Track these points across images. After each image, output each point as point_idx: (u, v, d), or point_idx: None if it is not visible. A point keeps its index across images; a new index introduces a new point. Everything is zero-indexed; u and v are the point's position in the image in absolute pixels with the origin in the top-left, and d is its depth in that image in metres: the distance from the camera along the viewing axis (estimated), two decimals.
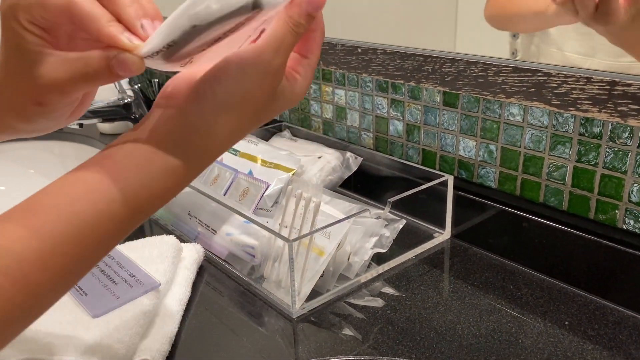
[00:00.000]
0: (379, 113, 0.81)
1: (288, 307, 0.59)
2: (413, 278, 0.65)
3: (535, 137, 0.63)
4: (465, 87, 0.63)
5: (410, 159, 0.78)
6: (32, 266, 0.31)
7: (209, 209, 0.70)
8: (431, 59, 0.66)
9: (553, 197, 0.63)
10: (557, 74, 0.55)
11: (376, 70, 0.73)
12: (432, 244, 0.71)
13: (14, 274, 0.30)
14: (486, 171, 0.69)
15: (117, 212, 0.33)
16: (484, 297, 0.60)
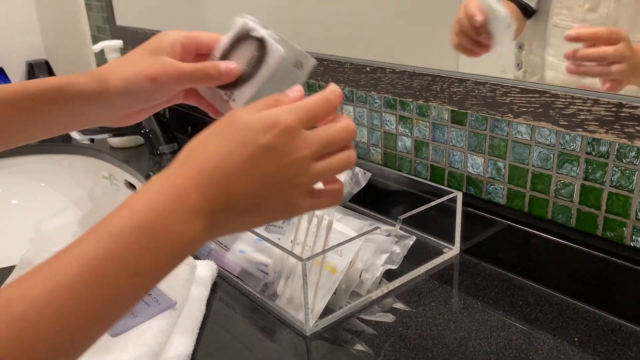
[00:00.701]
0: (387, 129, 0.82)
1: (302, 324, 0.60)
2: (423, 294, 0.66)
3: (543, 155, 0.64)
4: (473, 106, 0.65)
5: (418, 174, 0.80)
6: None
7: None
8: (439, 79, 0.67)
9: (561, 214, 0.64)
10: (565, 95, 0.56)
11: (385, 89, 0.75)
12: (441, 259, 0.72)
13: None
14: (494, 188, 0.70)
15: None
16: (494, 313, 0.61)
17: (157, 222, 0.35)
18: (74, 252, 0.33)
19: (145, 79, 0.49)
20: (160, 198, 0.35)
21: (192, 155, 0.38)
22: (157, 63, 0.49)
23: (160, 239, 0.35)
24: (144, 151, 1.18)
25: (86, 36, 1.59)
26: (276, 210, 0.40)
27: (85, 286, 0.32)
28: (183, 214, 0.35)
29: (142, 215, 0.35)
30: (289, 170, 0.38)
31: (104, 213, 1.05)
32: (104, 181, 1.20)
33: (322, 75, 0.84)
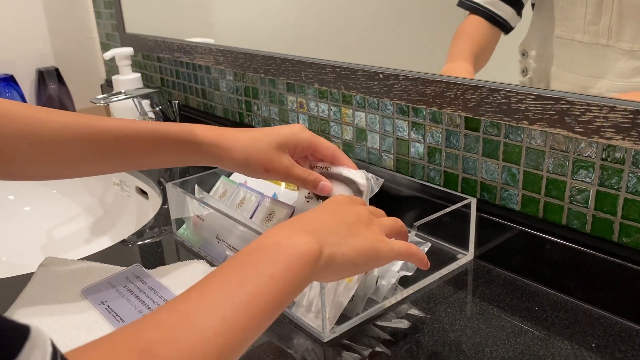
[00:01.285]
0: (399, 135, 0.82)
1: (319, 331, 0.60)
2: (439, 300, 0.66)
3: (558, 161, 0.64)
4: (488, 113, 0.65)
5: (431, 180, 0.80)
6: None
7: (236, 232, 0.72)
8: (453, 85, 0.68)
9: (576, 220, 0.64)
10: (581, 102, 0.56)
11: (398, 96, 0.75)
12: (455, 265, 0.72)
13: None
14: (509, 193, 0.71)
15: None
16: (510, 319, 0.62)
17: (281, 237, 0.45)
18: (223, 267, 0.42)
19: (262, 169, 0.62)
20: (273, 230, 0.47)
21: (294, 217, 0.51)
22: (276, 160, 0.62)
23: (284, 248, 0.43)
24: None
25: (95, 43, 1.60)
26: (368, 238, 0.50)
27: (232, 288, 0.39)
28: (293, 232, 0.46)
29: (268, 235, 0.45)
30: (362, 216, 0.52)
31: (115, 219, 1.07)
32: (114, 188, 1.21)
33: (334, 83, 0.84)
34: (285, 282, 0.41)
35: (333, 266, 0.46)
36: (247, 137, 0.63)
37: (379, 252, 0.50)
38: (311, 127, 0.98)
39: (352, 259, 0.48)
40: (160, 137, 0.60)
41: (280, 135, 0.63)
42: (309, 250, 0.44)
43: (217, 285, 0.39)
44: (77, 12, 1.56)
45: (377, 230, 0.52)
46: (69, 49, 1.56)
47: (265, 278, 0.40)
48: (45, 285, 0.67)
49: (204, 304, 0.37)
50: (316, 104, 0.95)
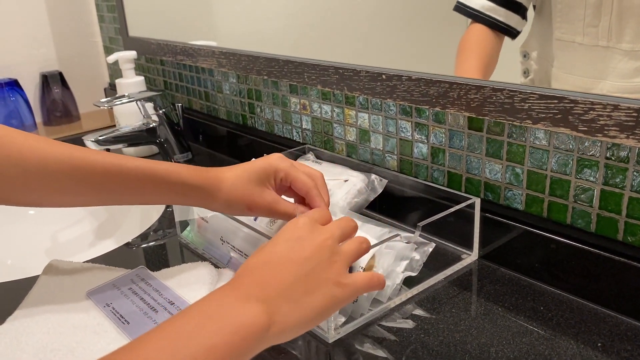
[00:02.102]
0: (402, 136, 0.82)
1: (323, 332, 0.60)
2: (444, 300, 0.66)
3: (562, 161, 0.64)
4: (491, 113, 0.65)
5: (435, 181, 0.80)
6: None
7: (241, 234, 0.72)
8: (457, 85, 0.68)
9: (580, 219, 0.64)
10: (584, 101, 0.56)
11: (401, 96, 0.75)
12: (460, 265, 0.72)
13: None
14: (513, 193, 0.71)
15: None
16: (515, 319, 0.61)
17: (229, 302, 0.42)
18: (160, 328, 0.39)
19: (245, 208, 0.62)
20: (228, 289, 0.44)
21: (246, 266, 0.48)
22: (258, 198, 0.62)
23: (230, 317, 0.41)
24: (158, 159, 1.19)
25: (99, 47, 1.61)
26: (327, 289, 0.47)
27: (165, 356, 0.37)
28: (241, 301, 0.43)
29: (207, 305, 0.42)
30: (323, 250, 0.48)
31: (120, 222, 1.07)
32: None
33: (337, 84, 0.84)
34: (224, 355, 0.39)
35: (285, 333, 0.45)
36: (230, 176, 0.62)
37: (338, 302, 0.48)
38: (314, 129, 0.98)
39: (306, 321, 0.46)
40: (147, 177, 0.60)
41: (259, 169, 0.62)
42: (256, 324, 0.42)
43: (151, 350, 0.37)
44: (80, 16, 1.56)
45: (339, 267, 0.49)
46: (73, 53, 1.57)
47: (204, 350, 0.38)
48: (51, 288, 0.67)
49: None
50: (319, 105, 0.95)
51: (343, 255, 0.50)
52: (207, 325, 0.40)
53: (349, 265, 0.50)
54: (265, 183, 0.62)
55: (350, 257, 0.51)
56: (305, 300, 0.45)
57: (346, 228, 0.53)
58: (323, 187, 0.65)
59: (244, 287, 0.44)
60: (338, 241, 0.51)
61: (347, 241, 0.53)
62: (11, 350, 0.56)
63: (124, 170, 0.59)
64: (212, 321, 0.40)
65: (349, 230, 0.54)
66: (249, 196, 0.61)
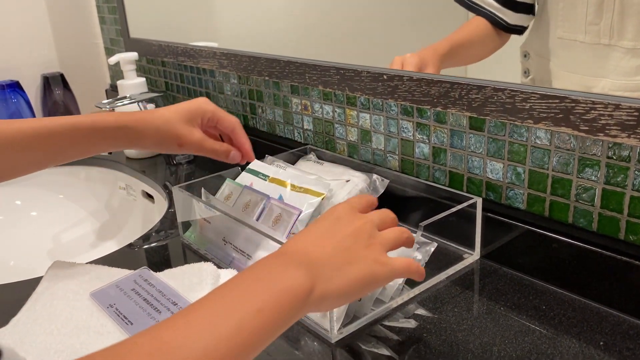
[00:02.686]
0: (404, 136, 0.82)
1: (326, 332, 0.60)
2: (446, 300, 0.66)
3: (563, 160, 0.64)
4: (492, 112, 0.65)
5: (437, 180, 0.80)
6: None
7: (243, 234, 0.72)
8: (458, 85, 0.68)
9: (582, 218, 0.64)
10: (585, 100, 0.56)
11: (402, 96, 0.75)
12: (462, 265, 0.72)
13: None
14: (514, 193, 0.71)
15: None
16: (517, 318, 0.62)
17: (276, 267, 0.44)
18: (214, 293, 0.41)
19: (175, 144, 0.68)
20: (275, 255, 0.46)
21: (294, 238, 0.49)
22: (188, 135, 0.68)
23: (277, 280, 0.42)
24: (161, 161, 1.20)
25: (100, 48, 1.61)
26: (366, 264, 0.48)
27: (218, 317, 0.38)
28: (287, 265, 0.44)
29: (256, 269, 0.44)
30: (362, 231, 0.49)
31: (122, 224, 1.08)
32: (120, 192, 1.22)
33: (338, 84, 0.85)
34: (272, 318, 0.40)
35: (326, 300, 0.45)
36: (159, 116, 0.68)
37: (377, 278, 0.48)
38: (316, 129, 0.98)
39: (346, 291, 0.46)
40: (77, 130, 0.65)
41: (186, 110, 0.69)
42: (301, 287, 0.43)
43: (203, 314, 0.38)
44: (81, 18, 1.57)
45: (378, 249, 0.49)
46: (74, 55, 1.57)
47: (253, 312, 0.39)
48: (54, 289, 0.67)
49: (188, 332, 0.36)
50: (320, 105, 0.95)
51: (382, 240, 0.50)
52: (256, 288, 0.41)
53: (387, 250, 0.50)
54: (194, 123, 0.69)
55: (389, 243, 0.51)
56: (346, 270, 0.46)
57: (385, 218, 0.53)
58: (242, 129, 0.74)
59: (288, 255, 0.46)
60: (376, 228, 0.51)
61: (388, 229, 0.52)
62: (15, 351, 0.56)
63: (53, 130, 0.64)
64: (261, 283, 0.42)
65: (388, 220, 0.53)
66: (180, 134, 0.67)
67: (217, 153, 0.71)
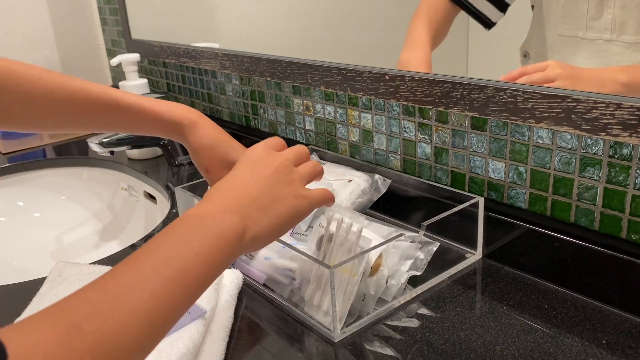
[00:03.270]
0: (406, 136, 0.83)
1: (329, 331, 0.60)
2: (448, 299, 0.66)
3: (565, 159, 0.65)
4: (494, 112, 0.65)
5: (439, 180, 0.80)
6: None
7: None
8: (460, 85, 0.68)
9: (584, 218, 0.65)
10: (587, 99, 0.56)
11: (404, 96, 0.75)
12: (464, 264, 0.73)
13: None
14: (516, 192, 0.71)
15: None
16: (519, 317, 0.62)
17: (207, 214, 0.46)
18: (149, 245, 0.42)
19: (204, 165, 0.65)
20: (203, 204, 0.48)
21: (216, 187, 0.51)
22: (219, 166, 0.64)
23: (210, 226, 0.45)
24: (163, 162, 1.20)
25: (101, 50, 1.62)
26: (289, 200, 0.51)
27: (161, 264, 0.40)
28: (222, 210, 0.47)
29: (194, 213, 0.46)
30: (281, 171, 0.53)
31: (124, 224, 1.07)
32: (123, 193, 1.22)
33: (340, 85, 0.85)
34: (211, 260, 0.42)
35: (259, 240, 0.49)
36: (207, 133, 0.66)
37: (301, 211, 0.52)
38: (317, 129, 0.98)
39: (276, 228, 0.50)
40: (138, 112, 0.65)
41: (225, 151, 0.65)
42: (234, 230, 0.45)
43: (146, 260, 0.40)
44: (82, 19, 1.57)
45: (298, 184, 0.53)
46: (76, 56, 1.57)
47: (193, 255, 0.41)
48: (58, 290, 0.67)
49: (134, 279, 0.38)
50: (322, 106, 0.96)
51: (300, 174, 0.54)
52: (193, 234, 0.43)
53: (305, 183, 0.55)
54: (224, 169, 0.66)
55: (307, 176, 0.55)
56: (273, 209, 0.50)
57: (301, 153, 0.57)
58: None
59: (216, 201, 0.48)
60: (293, 164, 0.55)
61: (303, 164, 0.56)
62: None
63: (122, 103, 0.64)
64: (196, 230, 0.44)
65: (303, 155, 0.57)
66: (213, 159, 0.65)
67: None
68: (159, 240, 0.42)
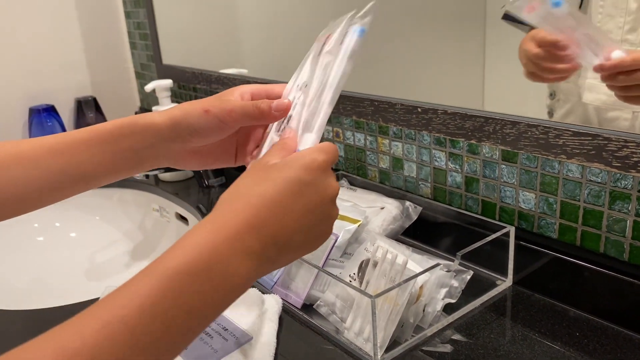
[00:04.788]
0: (436, 165, 0.86)
1: (370, 357, 0.63)
2: (482, 326, 0.69)
3: (594, 192, 0.67)
4: (526, 147, 0.68)
5: (469, 209, 0.83)
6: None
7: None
8: (492, 120, 0.71)
9: (614, 249, 0.67)
10: (617, 138, 0.59)
11: (436, 129, 0.79)
12: (495, 291, 0.75)
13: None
14: (546, 222, 0.74)
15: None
16: (552, 344, 0.64)
17: (214, 263, 0.37)
18: (130, 289, 0.35)
19: (200, 110, 0.51)
20: (216, 239, 0.38)
21: (241, 195, 0.41)
22: (216, 101, 0.52)
23: (216, 280, 0.37)
24: (193, 184, 1.24)
25: (130, 73, 1.66)
26: (323, 238, 0.44)
27: (140, 323, 0.34)
28: (238, 255, 0.38)
29: (198, 256, 0.37)
30: (328, 203, 0.43)
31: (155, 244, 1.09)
32: (154, 214, 1.26)
33: (372, 115, 0.88)
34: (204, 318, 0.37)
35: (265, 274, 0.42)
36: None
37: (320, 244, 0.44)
38: (347, 156, 1.02)
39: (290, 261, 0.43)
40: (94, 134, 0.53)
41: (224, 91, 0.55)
42: (245, 279, 0.39)
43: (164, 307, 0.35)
44: (113, 43, 1.62)
45: (334, 217, 0.44)
46: (106, 79, 1.62)
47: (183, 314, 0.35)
48: None
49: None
50: (352, 133, 0.99)
51: (336, 212, 0.45)
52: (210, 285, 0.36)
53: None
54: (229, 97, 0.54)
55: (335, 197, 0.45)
56: (301, 249, 0.42)
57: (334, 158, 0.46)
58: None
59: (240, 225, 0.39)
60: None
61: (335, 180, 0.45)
62: None
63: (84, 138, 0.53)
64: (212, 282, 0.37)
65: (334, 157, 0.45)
66: (205, 103, 0.52)
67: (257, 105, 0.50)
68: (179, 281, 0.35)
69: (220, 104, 0.52)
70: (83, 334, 0.33)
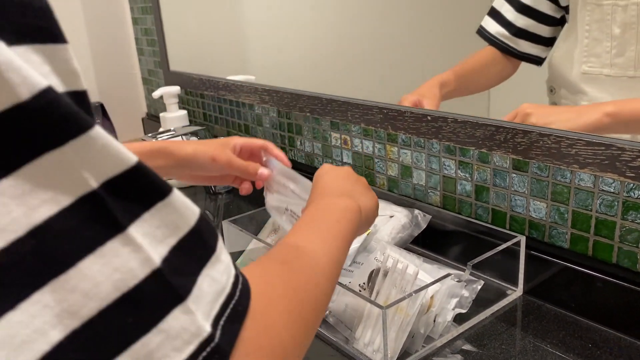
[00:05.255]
0: (446, 173, 0.85)
1: None
2: (492, 336, 0.68)
3: (607, 202, 0.67)
4: (538, 156, 0.68)
5: (479, 217, 0.83)
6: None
7: None
8: (503, 129, 0.71)
9: (627, 259, 0.67)
10: (632, 148, 0.59)
11: (446, 137, 0.78)
12: (505, 301, 0.74)
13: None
14: (557, 232, 0.73)
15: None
16: (564, 355, 0.64)
17: (327, 203, 0.57)
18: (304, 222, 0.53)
19: (209, 157, 0.74)
20: (314, 202, 0.58)
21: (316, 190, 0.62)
22: (221, 152, 0.75)
23: (335, 206, 0.55)
24: (200, 190, 1.24)
25: (137, 79, 1.67)
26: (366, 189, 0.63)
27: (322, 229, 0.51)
28: (338, 198, 0.58)
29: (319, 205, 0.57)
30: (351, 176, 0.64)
31: None
32: None
33: (381, 123, 0.88)
34: (348, 236, 0.52)
35: (368, 217, 0.60)
36: (194, 141, 0.79)
37: (375, 198, 0.63)
38: (355, 163, 1.01)
39: (374, 205, 0.62)
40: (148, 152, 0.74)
41: (224, 139, 0.79)
42: (354, 207, 0.56)
43: (311, 230, 0.51)
44: (120, 49, 1.63)
45: (365, 182, 0.66)
46: (112, 85, 1.63)
47: (334, 221, 0.52)
48: None
49: (316, 245, 0.47)
50: (360, 140, 0.99)
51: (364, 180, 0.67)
52: (328, 213, 0.54)
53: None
54: (228, 148, 0.77)
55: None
56: (364, 193, 0.61)
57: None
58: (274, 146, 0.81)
59: (327, 194, 0.59)
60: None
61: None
62: None
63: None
64: (327, 211, 0.54)
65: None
66: (214, 151, 0.75)
67: (247, 169, 0.76)
68: (308, 218, 0.53)
69: (224, 155, 0.75)
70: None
